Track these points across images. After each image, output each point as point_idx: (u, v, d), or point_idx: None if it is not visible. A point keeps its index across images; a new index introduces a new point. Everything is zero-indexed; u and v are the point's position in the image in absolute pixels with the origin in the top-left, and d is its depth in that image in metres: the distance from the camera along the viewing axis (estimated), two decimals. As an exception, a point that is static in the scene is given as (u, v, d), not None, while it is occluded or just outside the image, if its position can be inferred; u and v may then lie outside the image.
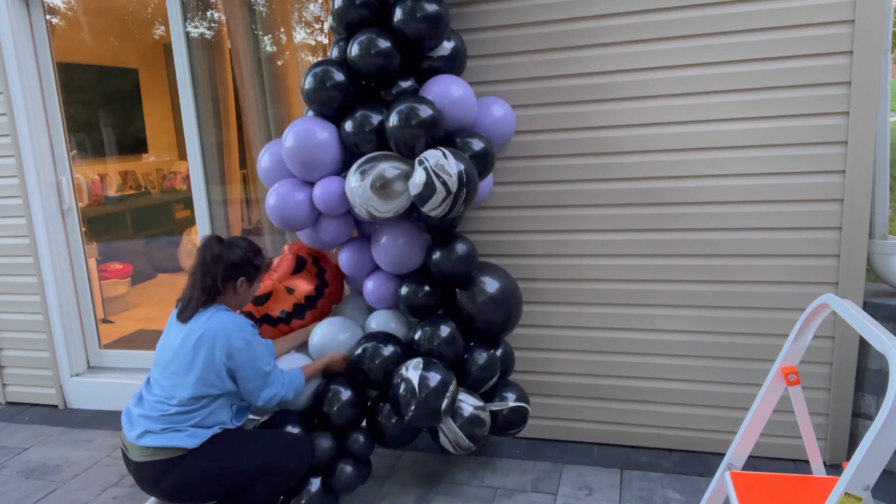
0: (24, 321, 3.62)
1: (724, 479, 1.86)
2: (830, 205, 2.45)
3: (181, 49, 3.18)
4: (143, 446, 2.03)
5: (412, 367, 2.30)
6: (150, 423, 2.05)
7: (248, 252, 2.18)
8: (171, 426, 2.04)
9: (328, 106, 2.35)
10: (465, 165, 2.18)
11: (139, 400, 2.14)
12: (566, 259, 2.76)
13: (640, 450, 2.82)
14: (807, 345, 1.82)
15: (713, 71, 2.47)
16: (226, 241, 2.18)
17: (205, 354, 2.05)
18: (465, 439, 2.40)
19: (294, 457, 2.19)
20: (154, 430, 2.03)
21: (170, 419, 2.04)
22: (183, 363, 2.06)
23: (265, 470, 2.11)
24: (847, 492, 1.31)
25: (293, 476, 2.19)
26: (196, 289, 2.12)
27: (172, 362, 2.08)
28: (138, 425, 2.06)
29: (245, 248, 2.19)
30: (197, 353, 2.05)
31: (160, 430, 2.03)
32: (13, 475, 2.93)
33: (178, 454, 2.03)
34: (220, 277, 2.13)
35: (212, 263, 2.12)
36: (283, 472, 2.15)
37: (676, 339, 2.70)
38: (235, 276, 2.16)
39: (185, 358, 2.06)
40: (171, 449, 2.03)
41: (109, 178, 4.75)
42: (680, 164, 2.56)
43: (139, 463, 2.04)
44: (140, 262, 4.76)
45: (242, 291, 2.20)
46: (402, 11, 2.25)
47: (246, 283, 2.20)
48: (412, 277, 2.46)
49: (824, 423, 2.61)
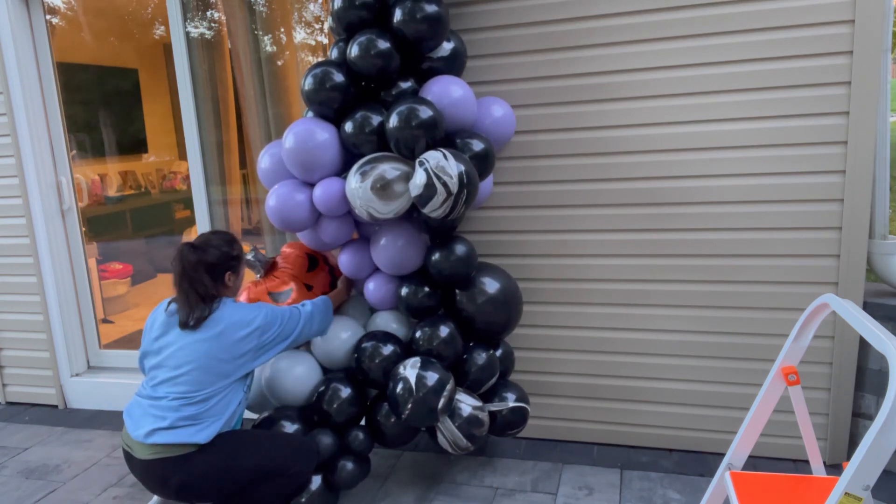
0: (24, 321, 3.62)
1: (724, 479, 1.86)
2: (830, 205, 2.45)
3: (181, 49, 3.18)
4: (151, 444, 2.02)
5: (409, 367, 2.30)
6: (158, 420, 2.04)
7: (222, 247, 2.19)
8: (182, 423, 2.03)
9: (328, 107, 2.35)
10: (466, 166, 2.18)
11: (144, 399, 2.13)
12: (566, 259, 2.76)
13: (640, 450, 2.82)
14: (807, 345, 1.82)
15: (713, 71, 2.47)
16: (198, 245, 2.18)
17: (228, 349, 2.08)
18: (463, 439, 2.40)
19: (301, 460, 2.19)
20: (163, 427, 2.03)
21: (182, 416, 2.04)
22: (201, 365, 2.05)
23: (272, 471, 2.12)
24: (847, 492, 1.31)
25: (298, 479, 2.19)
26: (193, 297, 2.11)
27: (187, 363, 2.07)
28: (145, 423, 2.05)
29: (218, 244, 2.19)
30: (216, 353, 2.06)
31: (169, 427, 2.03)
32: (13, 475, 2.93)
33: (188, 451, 2.03)
34: (209, 280, 2.14)
35: (192, 271, 2.12)
36: (290, 474, 2.16)
37: (676, 339, 2.70)
38: (221, 273, 2.18)
39: (202, 360, 2.06)
40: (180, 446, 2.02)
41: (109, 178, 4.75)
42: (680, 164, 2.56)
43: (146, 461, 2.03)
44: (140, 262, 4.76)
45: (233, 282, 2.24)
46: (401, 12, 2.25)
47: (233, 275, 2.23)
48: (412, 278, 2.46)
49: (824, 423, 2.61)
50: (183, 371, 2.07)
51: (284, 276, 2.57)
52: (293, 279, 2.56)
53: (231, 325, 2.10)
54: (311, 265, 2.61)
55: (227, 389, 2.11)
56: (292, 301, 2.51)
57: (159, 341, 2.16)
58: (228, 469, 2.07)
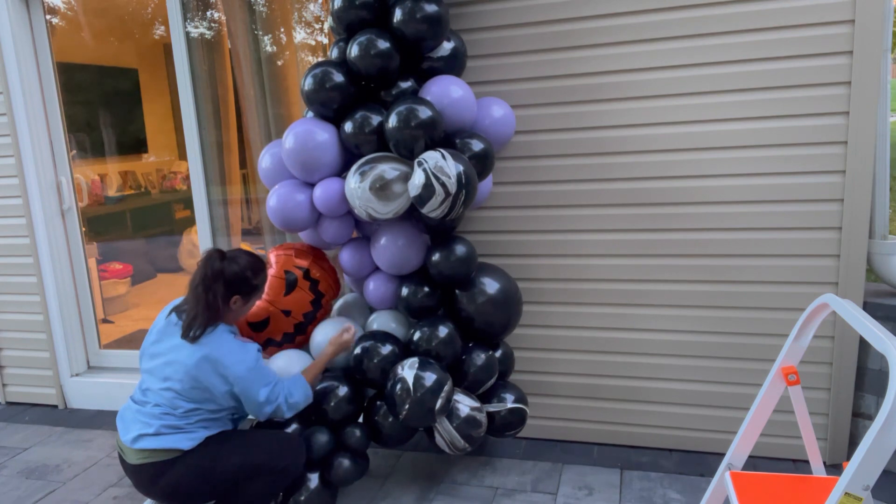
0: (24, 321, 3.62)
1: (724, 479, 1.86)
2: (830, 205, 2.45)
3: (181, 49, 3.18)
4: (138, 449, 2.04)
5: (407, 367, 2.30)
6: (144, 427, 2.06)
7: (246, 271, 2.13)
8: (166, 430, 2.05)
9: (328, 107, 2.35)
10: (465, 167, 2.18)
11: (134, 404, 2.14)
12: (566, 259, 2.76)
13: (640, 450, 2.82)
14: (807, 345, 1.82)
15: (713, 71, 2.47)
16: (228, 256, 2.14)
17: (206, 378, 2.05)
18: (461, 440, 2.40)
19: (286, 456, 2.18)
20: (149, 434, 2.04)
21: (166, 425, 2.05)
22: (184, 382, 2.05)
23: (258, 469, 2.12)
24: (847, 492, 1.31)
25: (287, 474, 2.19)
26: (200, 306, 2.08)
27: (172, 378, 2.07)
28: (133, 429, 2.07)
29: (244, 265, 2.14)
30: (199, 375, 2.04)
31: (155, 434, 2.04)
32: (13, 475, 2.93)
33: (174, 455, 2.04)
34: (221, 294, 2.09)
35: (212, 280, 2.08)
36: (276, 471, 2.15)
37: (676, 339, 2.70)
38: (231, 293, 2.12)
39: (186, 378, 2.05)
40: (166, 451, 2.04)
41: (109, 178, 4.75)
42: (680, 163, 2.56)
43: (135, 465, 2.06)
44: (140, 262, 4.76)
45: (237, 308, 2.17)
46: (401, 12, 2.25)
47: (241, 300, 2.16)
48: (412, 278, 2.46)
49: (824, 423, 2.61)
50: (167, 385, 2.08)
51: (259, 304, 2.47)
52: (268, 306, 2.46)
53: (211, 358, 2.05)
54: (289, 288, 2.48)
55: (211, 414, 2.11)
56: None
57: (155, 346, 2.16)
58: (214, 470, 2.07)
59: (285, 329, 2.51)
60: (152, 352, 2.16)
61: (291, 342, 2.55)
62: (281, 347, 2.54)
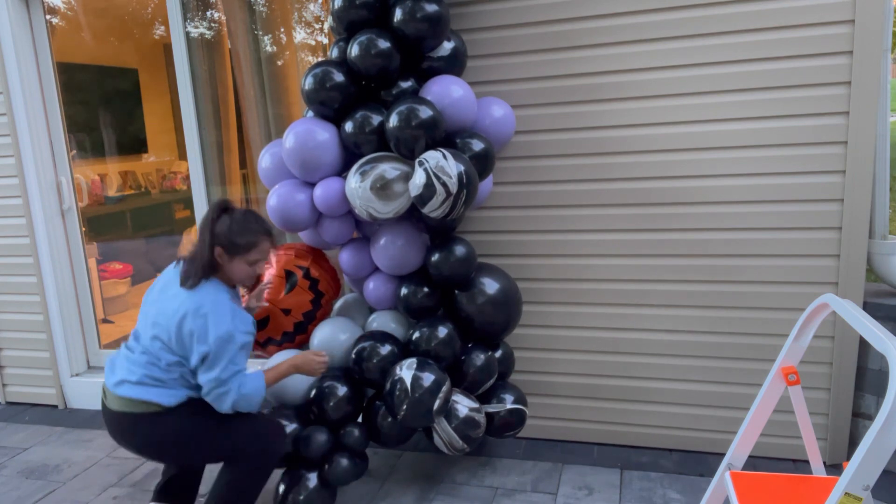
0: (24, 321, 3.62)
1: (724, 479, 1.86)
2: (830, 205, 2.45)
3: (181, 49, 3.18)
4: (120, 396, 2.02)
5: (406, 367, 2.30)
6: (128, 373, 2.04)
7: (233, 225, 2.07)
8: (149, 381, 2.02)
9: (328, 106, 2.35)
10: (465, 166, 2.18)
11: (124, 349, 2.13)
12: (566, 259, 2.76)
13: (640, 450, 2.82)
14: (807, 345, 1.82)
15: (713, 71, 2.47)
16: (227, 209, 2.11)
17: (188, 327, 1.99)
18: (459, 440, 2.40)
19: (260, 442, 2.14)
20: (131, 381, 2.02)
21: (149, 375, 2.03)
22: (170, 331, 2.01)
23: (232, 453, 2.11)
24: (847, 492, 1.31)
25: (267, 456, 2.14)
26: (196, 253, 2.07)
27: (160, 324, 2.03)
28: (118, 373, 2.06)
29: (233, 220, 2.08)
30: (183, 324, 1.99)
31: (137, 382, 2.02)
32: (13, 475, 2.93)
33: (153, 410, 2.02)
34: (208, 242, 2.05)
35: (203, 227, 2.08)
36: (248, 456, 2.11)
37: (676, 339, 2.70)
38: (214, 243, 2.06)
39: (173, 326, 2.00)
40: (146, 403, 2.02)
41: (109, 178, 4.75)
42: (680, 163, 2.56)
43: (115, 412, 2.04)
44: (140, 262, 4.76)
45: (224, 262, 2.08)
46: (402, 12, 2.25)
47: (225, 255, 2.07)
48: (412, 279, 2.46)
49: (824, 423, 2.61)
50: (155, 333, 2.04)
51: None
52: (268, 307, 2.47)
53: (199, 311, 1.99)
54: (289, 287, 2.49)
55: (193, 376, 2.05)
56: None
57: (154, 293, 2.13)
58: (190, 439, 2.07)
59: (285, 328, 2.51)
60: (152, 298, 2.13)
61: (291, 342, 2.55)
62: (281, 346, 2.55)
